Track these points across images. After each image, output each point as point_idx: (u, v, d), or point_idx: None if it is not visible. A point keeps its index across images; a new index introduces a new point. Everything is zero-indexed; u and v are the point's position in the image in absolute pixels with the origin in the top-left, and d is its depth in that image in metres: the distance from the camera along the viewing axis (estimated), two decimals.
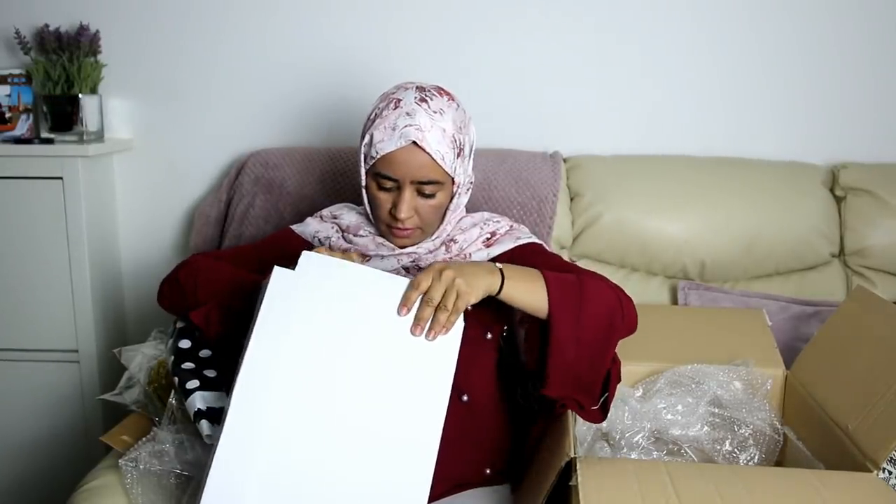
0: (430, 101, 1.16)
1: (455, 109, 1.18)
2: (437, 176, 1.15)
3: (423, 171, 1.14)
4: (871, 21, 1.68)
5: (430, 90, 1.18)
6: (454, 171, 1.17)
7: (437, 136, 1.14)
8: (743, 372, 1.26)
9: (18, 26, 1.71)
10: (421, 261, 1.23)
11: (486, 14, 1.72)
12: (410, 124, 1.13)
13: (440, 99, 1.17)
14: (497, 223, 1.30)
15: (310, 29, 1.75)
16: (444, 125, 1.15)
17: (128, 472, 1.14)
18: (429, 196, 1.17)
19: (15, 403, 1.75)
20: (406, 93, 1.17)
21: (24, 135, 1.75)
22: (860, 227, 1.61)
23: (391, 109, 1.15)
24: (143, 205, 1.85)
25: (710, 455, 1.21)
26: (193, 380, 1.14)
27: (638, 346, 1.36)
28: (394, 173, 1.15)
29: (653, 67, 1.73)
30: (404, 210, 1.15)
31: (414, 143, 1.12)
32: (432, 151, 1.13)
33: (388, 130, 1.14)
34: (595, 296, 1.08)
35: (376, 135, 1.15)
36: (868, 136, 1.72)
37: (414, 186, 1.15)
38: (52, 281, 1.69)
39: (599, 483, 0.93)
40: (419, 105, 1.14)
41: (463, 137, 1.18)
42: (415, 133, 1.12)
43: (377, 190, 1.18)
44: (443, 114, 1.15)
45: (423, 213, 1.18)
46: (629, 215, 1.59)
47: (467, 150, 1.20)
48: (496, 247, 1.25)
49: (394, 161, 1.14)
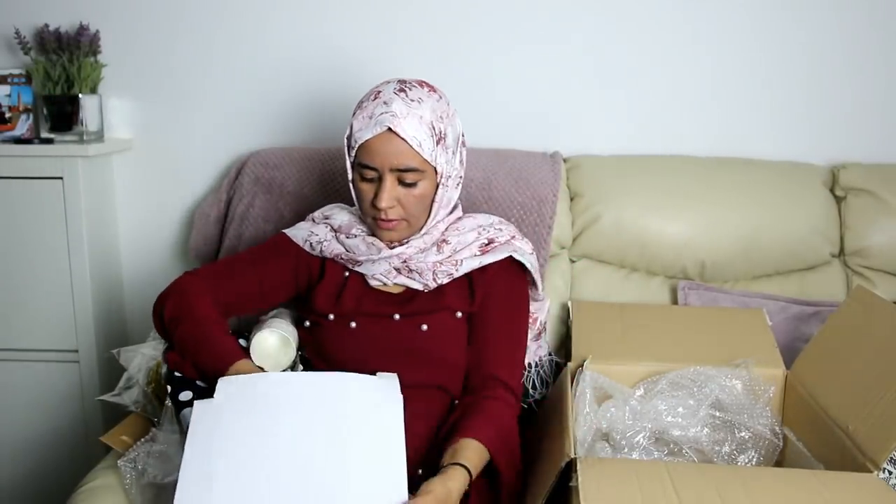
0: (408, 91, 1.17)
1: (436, 100, 1.20)
2: (415, 163, 1.16)
3: (400, 158, 1.15)
4: (872, 21, 1.68)
5: (412, 82, 1.20)
6: (435, 160, 1.17)
7: (414, 122, 1.15)
8: (746, 377, 1.26)
9: (18, 26, 1.71)
10: (412, 261, 1.23)
11: (486, 14, 1.72)
12: (386, 111, 1.15)
13: (420, 90, 1.19)
14: (498, 230, 1.30)
15: (310, 29, 1.75)
16: (422, 112, 1.16)
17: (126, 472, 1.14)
18: (410, 185, 1.18)
19: (15, 403, 1.75)
20: (387, 85, 1.19)
21: (24, 135, 1.75)
22: (860, 227, 1.61)
23: (370, 100, 1.18)
24: (143, 205, 1.85)
25: (710, 456, 1.21)
26: (186, 391, 1.14)
27: (638, 346, 1.37)
28: (372, 161, 1.16)
29: (653, 67, 1.73)
30: (385, 199, 1.16)
31: (389, 129, 1.14)
32: (408, 137, 1.14)
33: (365, 119, 1.16)
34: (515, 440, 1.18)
35: (356, 124, 1.17)
36: (868, 136, 1.72)
37: (394, 175, 1.17)
38: (52, 281, 1.69)
39: (599, 483, 0.93)
40: (397, 95, 1.16)
41: (444, 127, 1.19)
42: (390, 119, 1.14)
43: (361, 181, 1.20)
44: (421, 102, 1.17)
45: (406, 203, 1.18)
46: (629, 215, 1.59)
47: (450, 140, 1.21)
48: (489, 255, 1.25)
49: (371, 149, 1.16)
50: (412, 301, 1.24)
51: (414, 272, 1.23)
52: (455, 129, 1.23)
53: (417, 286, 1.23)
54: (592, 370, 1.27)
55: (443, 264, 1.23)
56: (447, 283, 1.24)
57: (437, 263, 1.23)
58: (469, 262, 1.24)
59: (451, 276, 1.23)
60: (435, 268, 1.23)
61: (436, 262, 1.23)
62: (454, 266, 1.23)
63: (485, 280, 1.25)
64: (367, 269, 1.24)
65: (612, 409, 1.22)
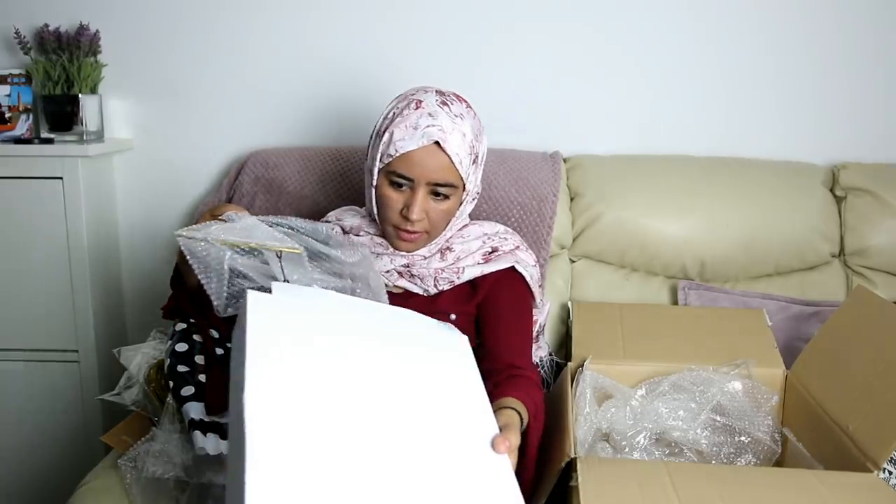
0: (450, 105, 1.17)
1: (473, 117, 1.20)
2: (452, 179, 1.15)
3: (441, 173, 1.14)
4: (872, 20, 1.68)
5: (450, 95, 1.19)
6: (467, 177, 1.18)
7: (458, 139, 1.14)
8: (748, 382, 1.26)
9: (18, 26, 1.71)
10: (415, 265, 1.23)
11: (486, 15, 1.72)
12: (433, 125, 1.13)
13: (459, 105, 1.19)
14: (503, 239, 1.30)
15: (310, 29, 1.75)
16: (465, 130, 1.16)
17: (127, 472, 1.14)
18: (441, 199, 1.17)
19: (15, 403, 1.75)
20: (427, 95, 1.17)
21: (24, 135, 1.75)
22: (860, 227, 1.61)
23: (412, 109, 1.15)
24: (143, 205, 1.85)
25: (708, 458, 1.21)
26: (188, 386, 1.13)
27: (638, 346, 1.37)
28: (411, 173, 1.15)
29: (653, 67, 1.73)
30: (416, 211, 1.15)
31: (437, 143, 1.13)
32: (452, 154, 1.13)
33: (409, 129, 1.14)
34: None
35: (396, 133, 1.14)
36: (868, 136, 1.72)
37: (429, 188, 1.16)
38: (52, 281, 1.69)
39: (600, 483, 0.93)
40: (441, 108, 1.15)
41: (479, 146, 1.20)
42: (438, 133, 1.13)
43: (389, 189, 1.18)
44: (463, 118, 1.16)
45: (433, 216, 1.18)
46: (629, 215, 1.59)
47: (480, 158, 1.22)
48: (491, 264, 1.26)
49: (413, 160, 1.14)
50: (407, 302, 1.24)
51: (416, 277, 1.23)
52: (484, 147, 1.23)
53: (417, 290, 1.24)
54: (592, 370, 1.27)
55: (444, 271, 1.23)
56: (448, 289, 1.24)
57: (438, 270, 1.23)
58: (471, 269, 1.24)
59: (452, 284, 1.23)
60: (437, 274, 1.23)
61: (438, 268, 1.23)
62: (456, 274, 1.23)
63: (487, 282, 1.25)
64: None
65: (613, 409, 1.22)
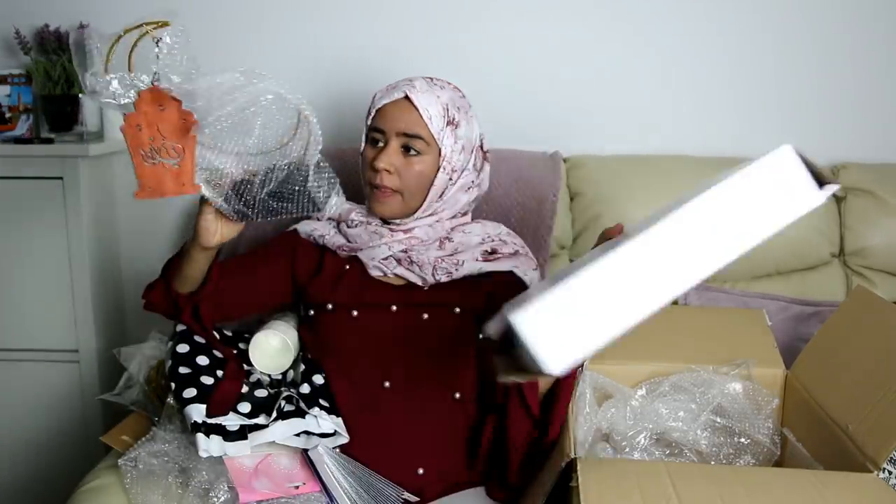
0: (435, 80, 1.26)
1: (459, 96, 1.27)
2: (421, 132, 1.21)
3: (409, 125, 1.21)
4: (872, 20, 1.68)
5: (442, 80, 1.28)
6: (441, 139, 1.21)
7: (430, 98, 1.22)
8: (748, 384, 1.26)
9: (18, 26, 1.71)
10: (413, 252, 1.24)
11: (487, 15, 1.72)
12: (407, 84, 1.23)
13: (447, 85, 1.27)
14: (503, 242, 1.31)
15: (309, 29, 1.75)
16: (440, 95, 1.23)
17: (127, 472, 1.14)
18: (413, 156, 1.22)
19: (15, 403, 1.75)
20: (419, 77, 1.27)
21: (24, 135, 1.75)
22: (860, 227, 1.61)
23: (399, 81, 1.26)
24: (143, 205, 1.84)
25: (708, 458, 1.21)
26: (190, 388, 1.13)
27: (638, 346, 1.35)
28: (382, 124, 1.23)
29: (653, 68, 1.73)
30: (383, 160, 1.21)
31: (406, 97, 1.21)
32: (421, 108, 1.20)
33: (387, 90, 1.24)
34: None
35: (377, 95, 1.25)
36: (868, 136, 1.72)
37: (399, 140, 1.22)
38: (52, 281, 1.69)
39: (599, 484, 0.93)
40: (424, 79, 1.25)
41: (458, 116, 1.24)
42: (408, 88, 1.21)
43: (368, 147, 1.26)
44: (443, 88, 1.25)
45: (404, 174, 1.22)
46: (629, 215, 1.59)
47: (462, 132, 1.25)
48: (490, 264, 1.27)
49: (384, 113, 1.23)
50: (411, 294, 1.25)
51: (414, 264, 1.24)
52: (470, 126, 1.27)
53: (416, 280, 1.24)
54: (592, 370, 1.27)
55: (443, 261, 1.24)
56: (446, 282, 1.24)
57: (438, 259, 1.24)
58: (469, 264, 1.24)
59: (451, 276, 1.23)
60: (436, 263, 1.23)
61: (437, 257, 1.24)
62: (454, 265, 1.24)
63: (489, 282, 1.26)
64: (367, 255, 1.25)
65: (613, 409, 1.22)
